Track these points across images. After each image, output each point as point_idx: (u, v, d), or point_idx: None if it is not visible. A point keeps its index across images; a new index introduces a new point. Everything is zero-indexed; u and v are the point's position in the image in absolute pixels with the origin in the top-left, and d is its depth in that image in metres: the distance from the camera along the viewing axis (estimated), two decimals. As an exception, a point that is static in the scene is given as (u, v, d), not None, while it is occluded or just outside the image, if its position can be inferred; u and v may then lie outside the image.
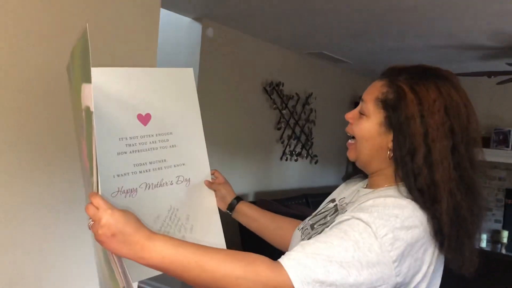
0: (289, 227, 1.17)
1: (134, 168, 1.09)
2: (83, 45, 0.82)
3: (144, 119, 1.11)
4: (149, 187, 1.12)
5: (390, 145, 0.91)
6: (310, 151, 5.05)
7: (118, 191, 1.07)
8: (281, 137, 4.65)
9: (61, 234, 1.51)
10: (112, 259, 0.80)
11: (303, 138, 4.93)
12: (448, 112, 0.87)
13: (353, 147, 0.98)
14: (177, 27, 3.70)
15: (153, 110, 1.12)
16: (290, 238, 1.11)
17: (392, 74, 0.94)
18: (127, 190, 1.08)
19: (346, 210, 0.94)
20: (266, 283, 0.76)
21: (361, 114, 0.96)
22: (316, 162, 5.16)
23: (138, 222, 0.80)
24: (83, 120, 0.87)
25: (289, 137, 4.74)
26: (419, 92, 0.88)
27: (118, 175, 1.07)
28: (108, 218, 0.77)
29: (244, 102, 4.17)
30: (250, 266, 0.77)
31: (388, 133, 0.92)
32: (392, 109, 0.90)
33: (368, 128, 0.94)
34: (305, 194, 4.61)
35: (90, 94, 0.80)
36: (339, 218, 0.87)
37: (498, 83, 4.08)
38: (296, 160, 4.87)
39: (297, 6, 3.04)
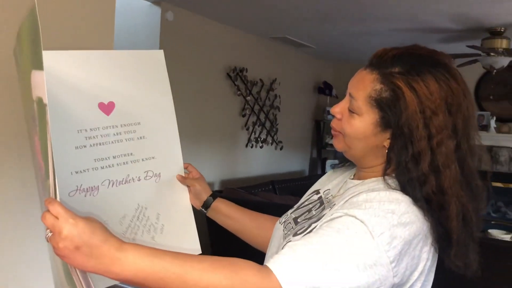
0: (271, 226, 1.08)
1: (95, 163, 0.98)
2: (32, 25, 0.68)
3: (107, 108, 0.98)
4: (112, 184, 1.00)
5: (386, 143, 0.84)
6: (275, 137, 4.99)
7: (77, 190, 0.96)
8: (246, 124, 4.57)
9: (15, 236, 1.37)
10: (74, 273, 0.69)
11: (268, 124, 4.87)
12: (450, 109, 0.79)
13: (341, 139, 0.89)
14: (136, 11, 3.51)
15: (117, 98, 0.99)
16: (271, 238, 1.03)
17: (383, 65, 0.83)
18: (87, 188, 0.97)
19: (334, 204, 0.87)
20: None
21: (351, 111, 0.86)
22: (281, 148, 5.11)
23: (106, 231, 0.69)
24: (35, 113, 0.74)
25: (254, 124, 4.66)
26: (418, 90, 0.79)
27: (76, 172, 0.95)
28: (71, 229, 0.66)
29: (208, 89, 4.04)
30: (236, 274, 0.68)
31: (384, 132, 0.84)
32: (389, 109, 0.81)
33: (361, 128, 0.85)
34: (272, 180, 4.55)
35: (42, 83, 0.67)
36: (330, 214, 0.79)
37: (458, 66, 4.13)
38: (261, 147, 4.81)
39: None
